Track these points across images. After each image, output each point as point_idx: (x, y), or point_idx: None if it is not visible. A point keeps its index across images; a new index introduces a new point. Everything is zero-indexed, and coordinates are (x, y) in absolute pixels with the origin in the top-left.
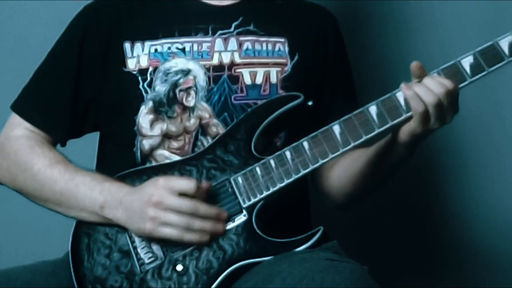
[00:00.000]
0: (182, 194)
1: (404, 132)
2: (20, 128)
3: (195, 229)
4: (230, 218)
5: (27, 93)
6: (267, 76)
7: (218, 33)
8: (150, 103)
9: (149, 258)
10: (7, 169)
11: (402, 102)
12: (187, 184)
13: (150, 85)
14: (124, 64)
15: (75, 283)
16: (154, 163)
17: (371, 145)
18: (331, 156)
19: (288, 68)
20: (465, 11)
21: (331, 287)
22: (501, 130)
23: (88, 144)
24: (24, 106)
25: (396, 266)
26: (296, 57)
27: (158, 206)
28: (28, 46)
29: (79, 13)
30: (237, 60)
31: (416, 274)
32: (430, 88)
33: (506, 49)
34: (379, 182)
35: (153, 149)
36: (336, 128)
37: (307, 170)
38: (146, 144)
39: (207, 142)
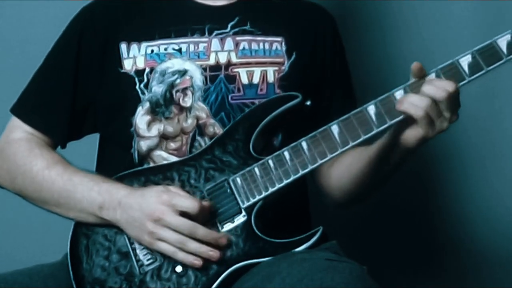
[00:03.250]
0: (184, 213)
1: (413, 138)
2: (19, 131)
3: (189, 251)
4: (229, 219)
5: (26, 96)
6: (264, 76)
7: (214, 33)
8: (147, 104)
9: (148, 259)
10: (7, 172)
11: None
12: (190, 204)
13: (146, 86)
14: (120, 65)
15: (74, 285)
16: (152, 164)
17: (372, 144)
18: (330, 156)
19: (285, 67)
20: (465, 11)
21: (330, 287)
22: (500, 130)
23: (88, 146)
24: (23, 109)
25: (395, 266)
26: (293, 56)
27: (158, 222)
28: (27, 48)
29: (76, 15)
30: (234, 59)
31: (416, 274)
32: (426, 93)
33: (504, 48)
34: (380, 182)
35: (150, 150)
36: (335, 128)
37: (306, 171)
38: (144, 145)
39: (204, 142)
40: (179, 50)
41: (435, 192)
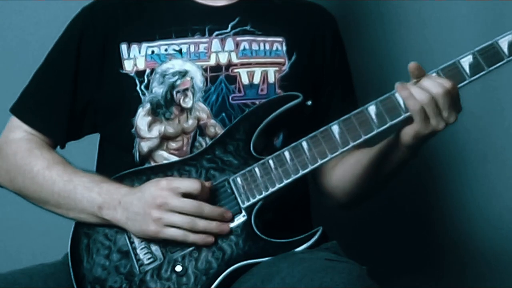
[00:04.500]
0: (186, 195)
1: (408, 134)
2: (19, 131)
3: (199, 230)
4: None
5: (25, 95)
6: (264, 76)
7: (215, 33)
8: (148, 105)
9: (148, 258)
10: (7, 172)
11: (401, 102)
12: (191, 184)
13: (147, 87)
14: (121, 65)
15: (74, 284)
16: (153, 164)
17: (373, 146)
18: (330, 156)
19: (286, 67)
20: (465, 11)
21: (330, 287)
22: (501, 130)
23: (88, 146)
24: (23, 109)
25: (396, 266)
26: (294, 57)
27: (162, 207)
28: (27, 48)
29: (76, 15)
30: (234, 60)
31: (416, 274)
32: (425, 88)
33: (505, 49)
34: (382, 183)
35: (151, 150)
36: (335, 128)
37: (306, 171)
38: (145, 146)
39: (205, 142)
40: (180, 51)
41: (435, 192)
